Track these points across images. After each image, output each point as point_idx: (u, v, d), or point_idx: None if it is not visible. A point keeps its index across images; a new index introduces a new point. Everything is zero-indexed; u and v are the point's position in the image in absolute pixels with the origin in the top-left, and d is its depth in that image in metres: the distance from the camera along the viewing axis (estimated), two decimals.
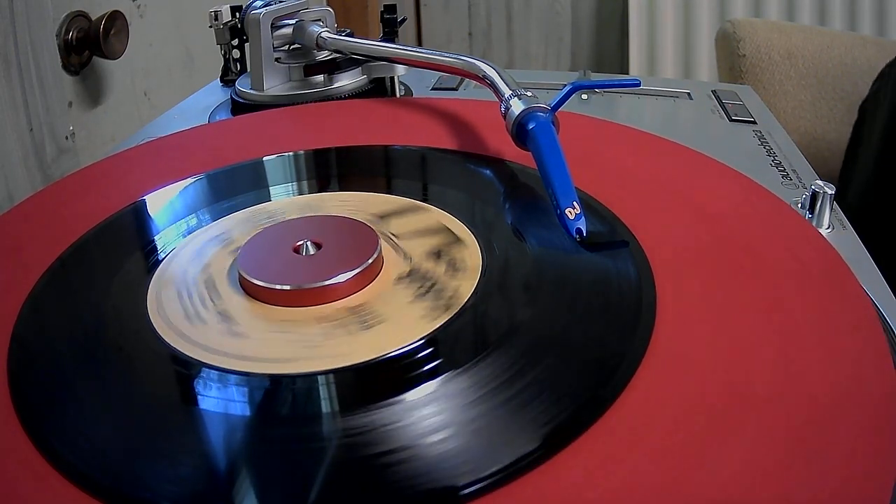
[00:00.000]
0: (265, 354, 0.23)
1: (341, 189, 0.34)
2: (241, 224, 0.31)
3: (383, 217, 0.31)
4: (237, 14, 0.54)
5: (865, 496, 0.17)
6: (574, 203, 0.28)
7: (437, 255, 0.28)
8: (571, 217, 0.27)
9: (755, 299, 0.24)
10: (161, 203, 0.34)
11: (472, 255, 0.28)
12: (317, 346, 0.23)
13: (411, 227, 0.30)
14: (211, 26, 0.54)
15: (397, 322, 0.24)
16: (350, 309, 0.25)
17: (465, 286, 0.26)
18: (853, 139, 0.76)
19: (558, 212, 0.28)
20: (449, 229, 0.29)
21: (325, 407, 0.22)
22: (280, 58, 0.49)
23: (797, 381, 0.21)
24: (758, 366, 0.21)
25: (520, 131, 0.33)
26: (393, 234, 0.29)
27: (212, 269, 0.28)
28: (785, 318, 0.23)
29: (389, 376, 0.22)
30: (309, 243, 0.27)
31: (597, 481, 0.18)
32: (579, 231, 0.27)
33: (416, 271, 0.27)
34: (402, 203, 0.32)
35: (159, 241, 0.30)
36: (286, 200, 0.33)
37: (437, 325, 0.24)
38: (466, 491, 0.18)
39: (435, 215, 0.30)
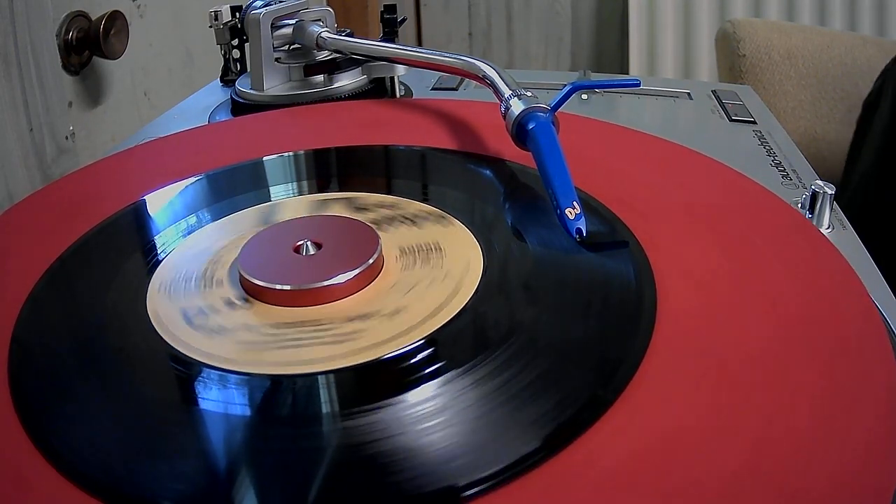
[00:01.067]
0: (265, 355, 0.23)
1: (341, 189, 0.34)
2: (241, 224, 0.31)
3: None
4: (237, 14, 0.54)
5: (866, 495, 0.17)
6: (574, 203, 0.28)
7: (437, 255, 0.28)
8: (571, 217, 0.27)
9: (755, 299, 0.24)
10: (161, 203, 0.34)
11: (472, 255, 0.28)
12: (317, 346, 0.23)
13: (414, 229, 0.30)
14: (211, 26, 0.54)
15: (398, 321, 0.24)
16: (348, 310, 0.25)
17: (466, 287, 0.26)
18: (856, 136, 0.75)
19: (558, 212, 0.28)
20: (450, 230, 0.29)
21: (325, 407, 0.22)
22: (280, 58, 0.49)
23: (797, 381, 0.21)
24: (758, 366, 0.21)
25: (520, 131, 0.33)
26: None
27: (212, 269, 0.28)
28: (785, 318, 0.23)
29: (390, 376, 0.22)
30: (309, 243, 0.27)
31: (597, 481, 0.18)
32: (579, 231, 0.27)
33: (415, 272, 0.27)
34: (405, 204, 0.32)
35: (159, 241, 0.30)
36: (288, 200, 0.33)
37: (438, 326, 0.24)
38: (467, 491, 0.18)
39: (436, 215, 0.31)
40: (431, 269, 0.27)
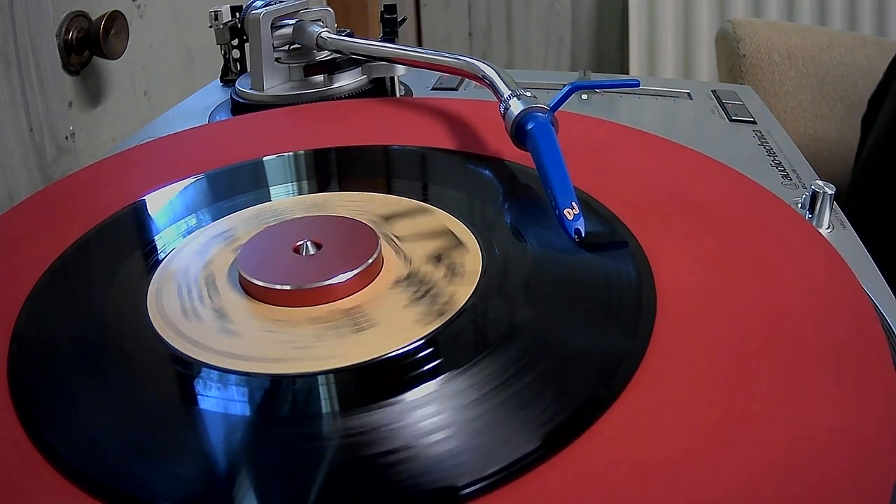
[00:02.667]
0: (266, 354, 0.23)
1: (341, 189, 0.34)
2: (241, 224, 0.31)
3: (388, 219, 0.31)
4: (237, 14, 0.54)
5: (865, 496, 0.17)
6: (573, 203, 0.28)
7: (437, 258, 0.28)
8: (570, 217, 0.27)
9: (755, 299, 0.24)
10: (161, 203, 0.34)
11: (472, 255, 0.28)
12: (316, 347, 0.23)
13: (415, 229, 0.30)
14: (211, 26, 0.54)
15: (398, 322, 0.24)
16: (347, 311, 0.25)
17: (465, 286, 0.26)
18: (864, 135, 0.75)
19: (557, 212, 0.28)
20: (451, 232, 0.29)
21: (325, 407, 0.22)
22: (280, 58, 0.49)
23: (796, 381, 0.21)
24: (758, 366, 0.21)
25: (519, 131, 0.33)
26: (395, 237, 0.29)
27: (212, 270, 0.28)
28: (784, 318, 0.23)
29: (390, 376, 0.22)
30: (309, 243, 0.27)
31: (596, 481, 0.18)
32: (578, 231, 0.27)
33: (416, 273, 0.27)
34: (407, 205, 0.32)
35: (159, 240, 0.30)
36: (288, 200, 0.33)
37: (438, 326, 0.24)
38: (466, 491, 0.18)
39: (439, 217, 0.31)
40: (431, 268, 0.27)
